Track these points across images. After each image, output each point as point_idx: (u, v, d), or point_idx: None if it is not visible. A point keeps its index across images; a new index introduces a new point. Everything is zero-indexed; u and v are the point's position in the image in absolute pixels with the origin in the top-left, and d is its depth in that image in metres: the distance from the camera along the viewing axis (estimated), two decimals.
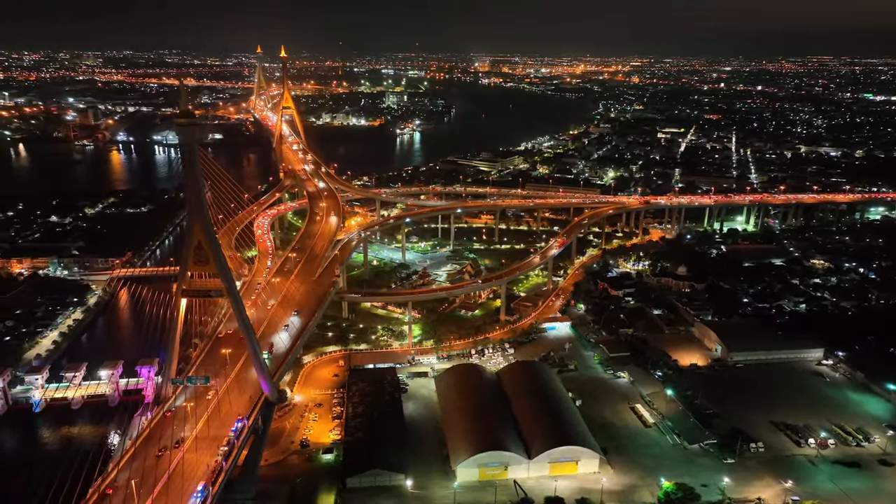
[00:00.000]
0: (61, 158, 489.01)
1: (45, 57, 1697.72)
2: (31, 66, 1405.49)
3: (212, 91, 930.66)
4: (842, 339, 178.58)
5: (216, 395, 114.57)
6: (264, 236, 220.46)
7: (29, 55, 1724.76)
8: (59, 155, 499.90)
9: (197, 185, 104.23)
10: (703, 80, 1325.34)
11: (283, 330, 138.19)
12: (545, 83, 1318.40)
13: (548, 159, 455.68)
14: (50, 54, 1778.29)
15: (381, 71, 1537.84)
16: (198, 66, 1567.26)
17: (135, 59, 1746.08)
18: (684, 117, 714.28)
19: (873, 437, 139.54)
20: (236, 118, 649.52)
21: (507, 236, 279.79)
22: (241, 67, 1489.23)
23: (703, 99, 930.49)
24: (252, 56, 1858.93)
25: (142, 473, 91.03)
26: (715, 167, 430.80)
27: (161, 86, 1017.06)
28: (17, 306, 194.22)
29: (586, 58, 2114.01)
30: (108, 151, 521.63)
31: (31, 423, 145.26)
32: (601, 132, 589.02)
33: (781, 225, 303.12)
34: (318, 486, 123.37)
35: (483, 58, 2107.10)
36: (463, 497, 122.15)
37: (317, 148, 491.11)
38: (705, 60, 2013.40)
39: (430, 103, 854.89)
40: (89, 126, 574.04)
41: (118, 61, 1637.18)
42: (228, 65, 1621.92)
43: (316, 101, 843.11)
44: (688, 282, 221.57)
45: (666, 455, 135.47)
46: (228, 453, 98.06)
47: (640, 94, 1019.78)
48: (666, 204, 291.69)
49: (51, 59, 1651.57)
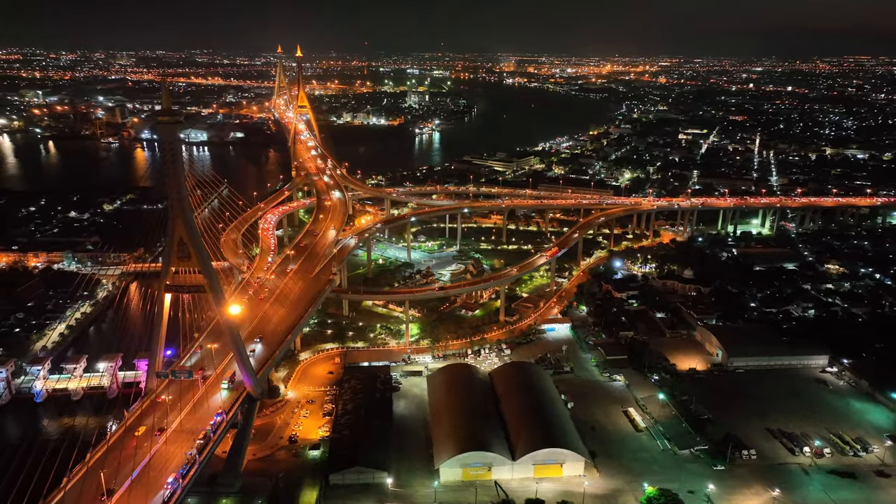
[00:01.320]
0: (87, 155, 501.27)
1: (80, 57, 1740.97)
2: (68, 66, 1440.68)
3: (237, 90, 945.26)
4: (849, 347, 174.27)
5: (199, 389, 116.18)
6: (269, 233, 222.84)
7: (66, 55, 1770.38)
8: (86, 152, 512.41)
9: (178, 181, 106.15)
10: (731, 80, 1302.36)
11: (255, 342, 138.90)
12: (569, 83, 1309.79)
13: (565, 160, 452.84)
14: (86, 54, 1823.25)
15: (407, 71, 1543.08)
16: (227, 65, 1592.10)
17: (167, 59, 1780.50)
18: (708, 118, 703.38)
19: (872, 447, 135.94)
20: (259, 117, 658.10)
21: (515, 237, 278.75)
22: (269, 67, 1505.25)
23: (730, 100, 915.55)
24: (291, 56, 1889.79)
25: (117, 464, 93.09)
26: (734, 169, 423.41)
27: (189, 84, 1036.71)
28: (29, 299, 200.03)
29: (615, 58, 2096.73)
30: (133, 149, 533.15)
31: (32, 412, 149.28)
32: (621, 133, 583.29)
33: (798, 228, 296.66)
34: (302, 482, 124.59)
35: (509, 58, 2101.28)
36: (444, 496, 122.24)
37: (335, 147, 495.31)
38: (736, 60, 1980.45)
39: (451, 103, 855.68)
40: (116, 124, 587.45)
41: (150, 61, 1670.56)
42: (257, 64, 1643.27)
43: (339, 101, 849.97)
44: (694, 285, 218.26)
45: (655, 460, 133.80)
46: (203, 447, 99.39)
47: (665, 94, 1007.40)
48: (678, 206, 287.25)
49: (86, 58, 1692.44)
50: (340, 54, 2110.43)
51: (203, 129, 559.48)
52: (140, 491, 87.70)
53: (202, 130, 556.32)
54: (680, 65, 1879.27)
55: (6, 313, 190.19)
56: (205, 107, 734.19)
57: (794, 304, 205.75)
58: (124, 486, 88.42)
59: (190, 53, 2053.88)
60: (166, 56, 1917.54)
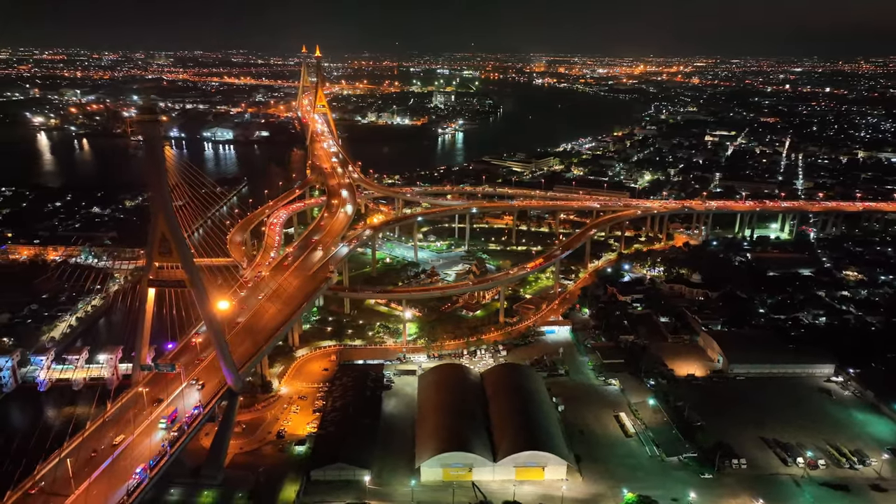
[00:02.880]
0: (117, 153, 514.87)
1: (122, 57, 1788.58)
2: (108, 66, 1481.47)
3: (268, 90, 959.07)
4: (857, 356, 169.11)
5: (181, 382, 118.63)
6: (275, 230, 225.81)
7: (108, 55, 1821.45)
8: (116, 149, 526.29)
9: (160, 178, 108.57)
10: (768, 81, 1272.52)
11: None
12: (599, 84, 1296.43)
13: (585, 161, 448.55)
14: (127, 54, 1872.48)
15: (437, 71, 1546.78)
16: (260, 65, 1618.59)
17: (204, 59, 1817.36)
18: (739, 120, 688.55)
19: (870, 459, 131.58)
20: (285, 116, 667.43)
21: (525, 238, 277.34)
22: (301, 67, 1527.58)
23: (764, 101, 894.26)
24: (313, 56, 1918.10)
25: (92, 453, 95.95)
26: (759, 172, 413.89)
27: (221, 84, 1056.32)
28: (44, 291, 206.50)
29: (649, 58, 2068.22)
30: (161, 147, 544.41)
31: (35, 400, 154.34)
32: (646, 134, 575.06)
33: (819, 233, 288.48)
34: (285, 477, 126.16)
35: (541, 58, 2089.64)
36: (423, 496, 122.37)
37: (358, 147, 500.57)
38: (774, 61, 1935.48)
39: (477, 103, 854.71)
40: None
41: (187, 61, 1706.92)
42: (290, 64, 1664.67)
43: (365, 101, 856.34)
44: (701, 289, 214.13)
45: (641, 466, 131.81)
46: (175, 440, 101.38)
47: (696, 95, 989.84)
48: (694, 209, 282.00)
49: (127, 58, 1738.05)
50: (373, 54, 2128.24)
51: (229, 128, 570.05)
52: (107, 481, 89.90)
53: (228, 129, 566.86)
54: (715, 65, 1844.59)
55: (21, 304, 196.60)
56: (234, 106, 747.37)
57: (804, 311, 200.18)
58: (94, 474, 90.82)
59: (226, 53, 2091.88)
60: (203, 56, 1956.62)
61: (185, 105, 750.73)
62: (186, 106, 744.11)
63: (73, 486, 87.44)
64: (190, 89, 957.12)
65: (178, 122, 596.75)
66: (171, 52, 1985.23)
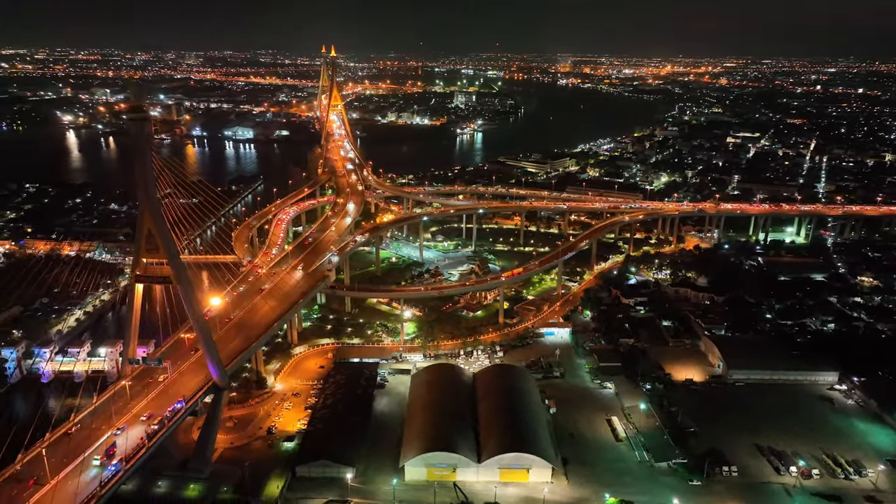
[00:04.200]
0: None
1: (153, 57, 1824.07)
2: (140, 66, 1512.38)
3: (292, 89, 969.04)
4: (863, 364, 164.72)
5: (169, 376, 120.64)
6: (280, 228, 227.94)
7: (141, 55, 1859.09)
8: None
9: (147, 175, 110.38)
10: (798, 82, 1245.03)
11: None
12: (624, 84, 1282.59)
13: (602, 162, 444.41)
14: (158, 54, 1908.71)
15: (461, 71, 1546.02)
16: (287, 65, 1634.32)
17: (232, 59, 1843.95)
18: (764, 121, 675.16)
19: (867, 470, 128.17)
20: (307, 115, 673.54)
21: (535, 239, 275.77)
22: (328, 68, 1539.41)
23: (793, 102, 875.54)
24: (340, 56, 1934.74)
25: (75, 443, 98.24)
26: (780, 174, 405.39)
27: (247, 84, 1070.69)
28: (56, 285, 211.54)
29: (678, 58, 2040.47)
30: (184, 145, 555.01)
31: (39, 391, 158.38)
32: (666, 135, 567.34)
33: (837, 238, 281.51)
34: (271, 472, 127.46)
35: (567, 58, 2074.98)
36: (405, 495, 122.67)
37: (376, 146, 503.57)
38: (807, 61, 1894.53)
39: (498, 103, 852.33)
40: (170, 121, 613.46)
41: (216, 61, 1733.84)
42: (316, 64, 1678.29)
43: (387, 101, 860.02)
44: (707, 293, 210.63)
45: (629, 471, 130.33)
46: (154, 433, 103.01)
47: (723, 96, 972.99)
48: (706, 211, 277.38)
49: (158, 58, 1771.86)
50: (399, 54, 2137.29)
51: (250, 127, 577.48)
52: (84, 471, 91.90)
53: (249, 128, 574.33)
54: (745, 66, 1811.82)
55: (34, 298, 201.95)
56: (257, 105, 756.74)
57: (812, 317, 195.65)
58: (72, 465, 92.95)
59: (255, 53, 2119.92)
60: (232, 56, 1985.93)
61: (210, 104, 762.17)
62: (211, 105, 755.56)
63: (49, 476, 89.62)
64: (216, 89, 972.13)
65: (201, 121, 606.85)
66: (201, 53, 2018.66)
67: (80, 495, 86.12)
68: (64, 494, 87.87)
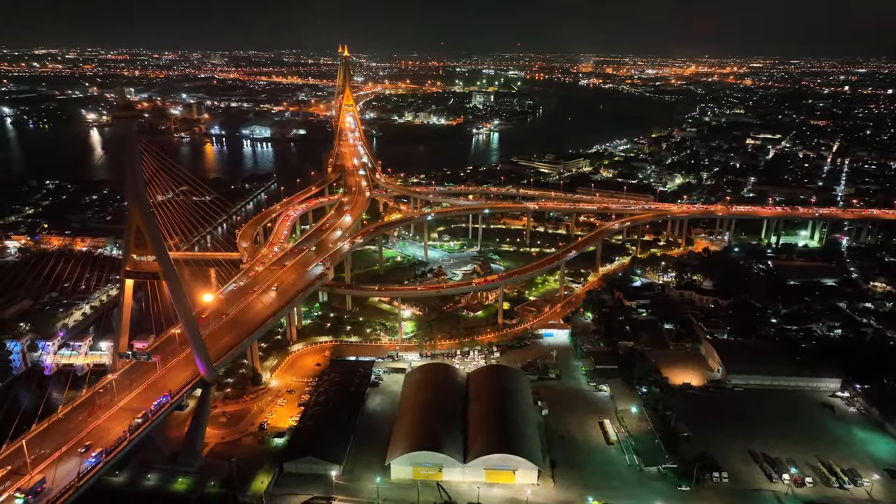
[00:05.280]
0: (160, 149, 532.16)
1: (179, 56, 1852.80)
2: (166, 65, 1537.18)
3: (313, 89, 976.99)
4: (868, 371, 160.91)
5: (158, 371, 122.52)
6: (285, 227, 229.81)
7: (168, 55, 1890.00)
8: (160, 146, 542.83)
9: (135, 172, 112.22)
10: (826, 83, 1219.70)
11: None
12: (646, 85, 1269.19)
13: (617, 163, 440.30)
14: (185, 54, 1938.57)
15: (482, 71, 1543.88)
16: (310, 65, 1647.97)
17: (257, 59, 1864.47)
18: (786, 122, 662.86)
19: (863, 479, 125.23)
20: (325, 115, 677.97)
21: (542, 239, 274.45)
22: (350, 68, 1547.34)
23: (818, 103, 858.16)
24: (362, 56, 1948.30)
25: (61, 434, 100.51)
26: (798, 176, 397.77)
27: (269, 83, 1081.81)
28: (66, 280, 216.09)
29: (703, 59, 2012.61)
30: (202, 143, 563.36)
31: (42, 383, 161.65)
32: (684, 136, 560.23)
33: (852, 242, 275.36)
34: (260, 468, 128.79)
35: (590, 58, 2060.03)
36: (390, 493, 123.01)
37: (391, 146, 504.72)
38: (837, 62, 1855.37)
39: (517, 103, 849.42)
40: (190, 120, 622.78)
41: (240, 60, 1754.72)
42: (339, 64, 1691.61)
43: (405, 100, 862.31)
44: (712, 297, 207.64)
45: (617, 475, 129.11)
46: (137, 426, 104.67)
47: (746, 97, 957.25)
48: (717, 213, 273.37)
49: (184, 58, 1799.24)
50: (422, 54, 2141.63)
51: (267, 126, 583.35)
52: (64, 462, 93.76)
53: (266, 127, 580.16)
54: (772, 66, 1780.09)
55: (44, 292, 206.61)
56: (276, 104, 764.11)
57: (818, 323, 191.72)
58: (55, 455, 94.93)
59: (279, 53, 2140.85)
60: (257, 56, 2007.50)
61: (230, 103, 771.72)
62: (231, 104, 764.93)
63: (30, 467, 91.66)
64: (238, 88, 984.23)
65: (219, 120, 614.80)
66: (227, 52, 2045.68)
67: (56, 486, 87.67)
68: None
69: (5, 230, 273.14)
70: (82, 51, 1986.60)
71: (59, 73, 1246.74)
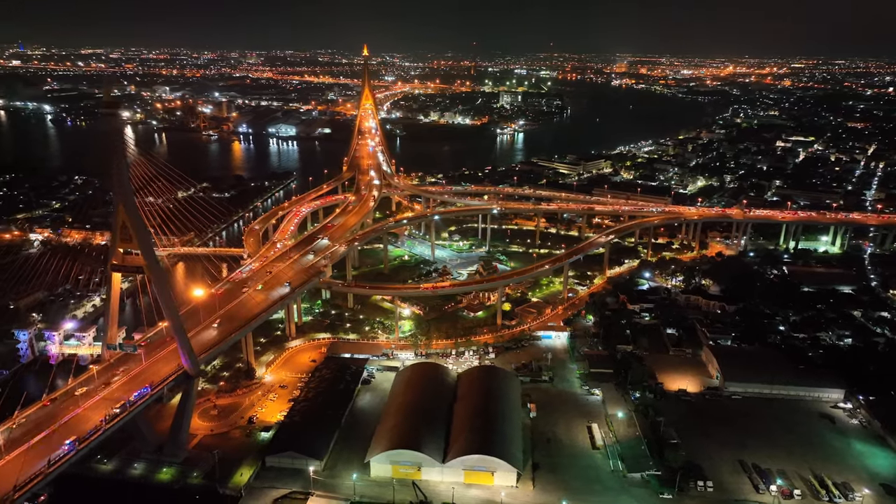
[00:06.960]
0: (188, 146, 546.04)
1: (217, 56, 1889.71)
2: (203, 65, 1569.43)
3: (343, 88, 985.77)
4: (874, 382, 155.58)
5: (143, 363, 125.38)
6: (290, 224, 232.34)
7: (207, 54, 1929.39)
8: (189, 143, 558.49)
9: (121, 168, 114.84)
10: (870, 84, 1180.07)
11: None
12: (679, 85, 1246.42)
13: (639, 164, 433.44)
14: (223, 53, 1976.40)
15: (514, 71, 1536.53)
16: (343, 64, 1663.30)
17: (292, 59, 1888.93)
18: (822, 125, 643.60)
19: (855, 493, 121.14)
20: (352, 114, 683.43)
21: (554, 240, 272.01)
22: (382, 67, 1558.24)
23: (858, 105, 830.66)
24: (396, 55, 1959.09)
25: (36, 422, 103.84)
26: (827, 181, 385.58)
27: (301, 83, 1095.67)
28: (80, 272, 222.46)
29: (742, 59, 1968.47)
30: (230, 141, 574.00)
31: (47, 371, 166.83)
32: (711, 138, 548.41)
33: (876, 249, 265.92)
34: (244, 460, 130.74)
35: (624, 59, 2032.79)
36: (368, 490, 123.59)
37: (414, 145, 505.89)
38: (885, 62, 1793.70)
39: (545, 104, 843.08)
40: (220, 118, 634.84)
41: (276, 60, 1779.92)
42: (372, 63, 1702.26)
43: (433, 100, 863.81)
44: (719, 302, 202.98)
45: (599, 480, 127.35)
46: (113, 416, 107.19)
47: (782, 98, 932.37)
48: (733, 217, 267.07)
49: (222, 57, 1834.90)
50: (455, 54, 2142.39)
51: (293, 125, 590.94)
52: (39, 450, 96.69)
53: (292, 126, 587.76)
54: (815, 66, 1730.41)
55: (58, 284, 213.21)
56: (305, 103, 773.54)
57: (828, 331, 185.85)
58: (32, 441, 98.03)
59: (314, 53, 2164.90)
60: (293, 56, 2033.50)
61: (260, 102, 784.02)
62: (261, 103, 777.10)
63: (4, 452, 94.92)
64: (270, 87, 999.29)
65: (247, 119, 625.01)
66: (263, 52, 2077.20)
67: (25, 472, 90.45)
68: (10, 472, 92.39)
69: (32, 223, 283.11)
70: (126, 50, 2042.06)
71: (102, 72, 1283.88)
